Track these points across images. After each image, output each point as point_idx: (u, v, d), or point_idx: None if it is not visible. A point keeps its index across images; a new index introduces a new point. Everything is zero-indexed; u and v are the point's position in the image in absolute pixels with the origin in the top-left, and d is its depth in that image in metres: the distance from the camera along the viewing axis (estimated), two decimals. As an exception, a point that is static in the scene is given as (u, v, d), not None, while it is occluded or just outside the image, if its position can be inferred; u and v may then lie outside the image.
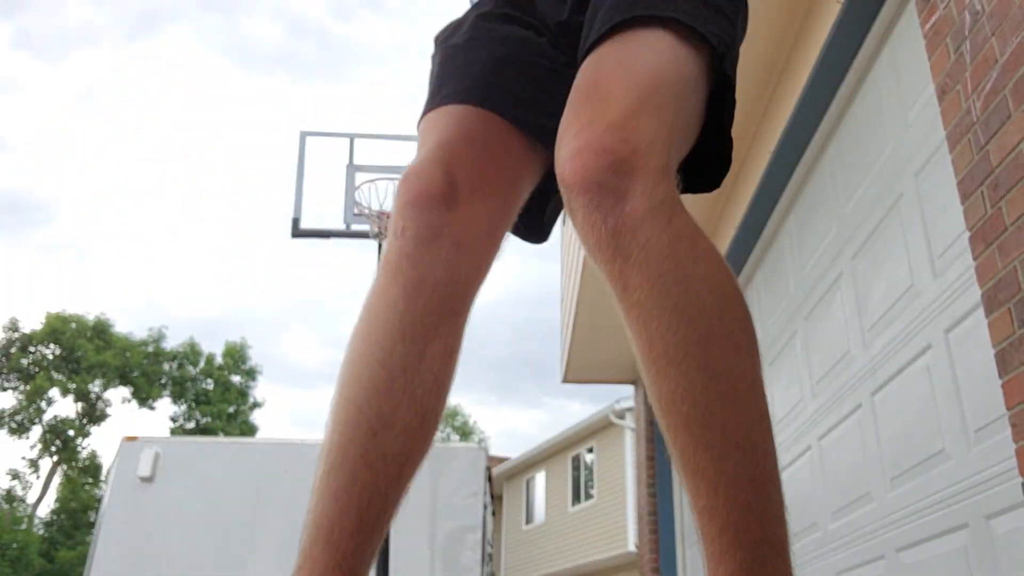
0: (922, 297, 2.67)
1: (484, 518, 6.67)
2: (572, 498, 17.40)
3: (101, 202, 39.96)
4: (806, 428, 3.71)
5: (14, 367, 24.04)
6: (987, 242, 2.03)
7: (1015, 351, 1.89)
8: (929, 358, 2.62)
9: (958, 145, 2.19)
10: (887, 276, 2.93)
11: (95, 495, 23.49)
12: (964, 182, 2.15)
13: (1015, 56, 1.94)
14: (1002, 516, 2.20)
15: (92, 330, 24.58)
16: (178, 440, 9.14)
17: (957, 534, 2.44)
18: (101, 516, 6.60)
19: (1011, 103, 1.95)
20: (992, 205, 2.01)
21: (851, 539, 3.20)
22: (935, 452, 2.57)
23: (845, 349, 3.29)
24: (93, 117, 41.16)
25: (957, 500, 2.43)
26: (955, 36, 2.23)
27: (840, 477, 3.33)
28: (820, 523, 3.53)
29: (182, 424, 25.58)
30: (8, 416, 23.63)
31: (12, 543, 20.88)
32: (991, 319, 2.00)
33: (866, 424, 3.09)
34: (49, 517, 23.94)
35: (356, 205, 5.98)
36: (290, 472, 6.35)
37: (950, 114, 2.24)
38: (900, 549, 2.80)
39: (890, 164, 2.91)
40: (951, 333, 2.49)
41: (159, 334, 25.94)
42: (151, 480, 6.55)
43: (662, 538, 6.28)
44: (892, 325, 2.88)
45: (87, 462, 24.71)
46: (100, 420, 25.30)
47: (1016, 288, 1.90)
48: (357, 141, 6.43)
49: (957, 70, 2.21)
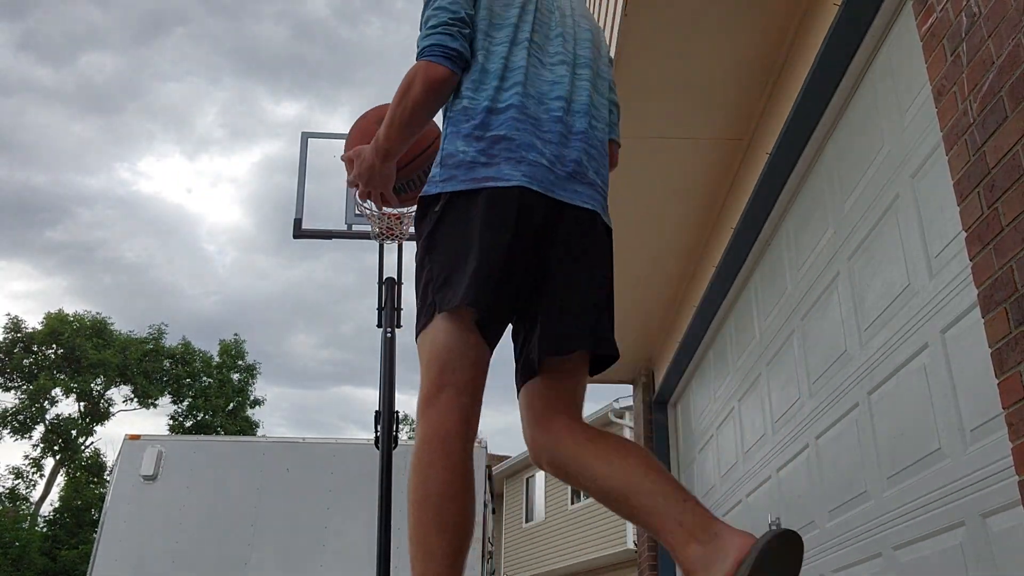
0: (919, 297, 2.69)
1: (484, 516, 6.69)
2: (572, 496, 17.42)
3: (104, 203, 39.94)
4: (803, 427, 3.73)
5: (16, 367, 24.07)
6: (983, 243, 2.04)
7: (1011, 351, 1.91)
8: (926, 357, 2.64)
9: (955, 146, 2.21)
10: (884, 276, 2.95)
11: (98, 494, 23.52)
12: (960, 183, 2.17)
13: (1011, 58, 1.96)
14: (998, 514, 2.22)
15: (90, 329, 24.61)
16: (181, 439, 9.16)
17: (954, 532, 2.45)
18: (104, 514, 6.62)
19: (1007, 105, 1.97)
20: (988, 206, 2.03)
21: (848, 537, 3.22)
22: (932, 451, 2.59)
23: (842, 348, 3.31)
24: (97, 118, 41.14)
25: (954, 498, 2.45)
26: (952, 38, 2.25)
27: (837, 475, 3.35)
28: (817, 521, 3.55)
29: (181, 422, 25.61)
30: (11, 415, 23.66)
31: (15, 542, 20.91)
32: (987, 319, 2.02)
33: (863, 423, 3.11)
34: (52, 516, 23.96)
35: (357, 206, 5.99)
36: (292, 470, 6.38)
37: (947, 115, 2.26)
38: (897, 547, 2.82)
39: (887, 165, 2.93)
40: (947, 333, 2.50)
41: (158, 331, 25.96)
42: (154, 478, 6.57)
43: (662, 536, 6.30)
44: (889, 325, 2.90)
45: (90, 461, 24.73)
46: (103, 419, 25.33)
47: (1012, 288, 1.91)
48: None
49: (954, 72, 2.23)
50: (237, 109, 45.71)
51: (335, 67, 52.98)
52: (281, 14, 46.33)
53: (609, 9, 3.96)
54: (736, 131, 4.14)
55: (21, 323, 24.58)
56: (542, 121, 1.66)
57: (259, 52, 44.98)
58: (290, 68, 48.03)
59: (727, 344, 5.08)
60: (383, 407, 5.43)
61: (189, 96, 42.91)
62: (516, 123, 1.62)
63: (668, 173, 4.46)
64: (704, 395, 5.66)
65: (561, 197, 1.61)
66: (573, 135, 1.69)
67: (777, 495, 4.10)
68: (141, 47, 39.18)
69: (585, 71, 1.81)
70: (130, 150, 41.68)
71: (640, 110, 3.97)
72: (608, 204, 1.79)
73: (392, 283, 5.78)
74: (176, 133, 42.91)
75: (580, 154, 1.68)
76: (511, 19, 1.75)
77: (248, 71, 45.99)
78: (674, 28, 3.49)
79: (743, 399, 4.71)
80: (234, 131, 47.25)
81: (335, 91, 54.33)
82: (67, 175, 37.98)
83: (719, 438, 5.20)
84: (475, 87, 1.67)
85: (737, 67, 3.73)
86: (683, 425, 6.35)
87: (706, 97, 3.91)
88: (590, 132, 1.73)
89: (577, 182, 1.66)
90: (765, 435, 4.30)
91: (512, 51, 1.72)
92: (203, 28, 42.16)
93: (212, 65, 43.13)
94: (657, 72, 3.75)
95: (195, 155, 45.03)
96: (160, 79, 40.54)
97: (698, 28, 3.49)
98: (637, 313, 6.10)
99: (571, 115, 1.71)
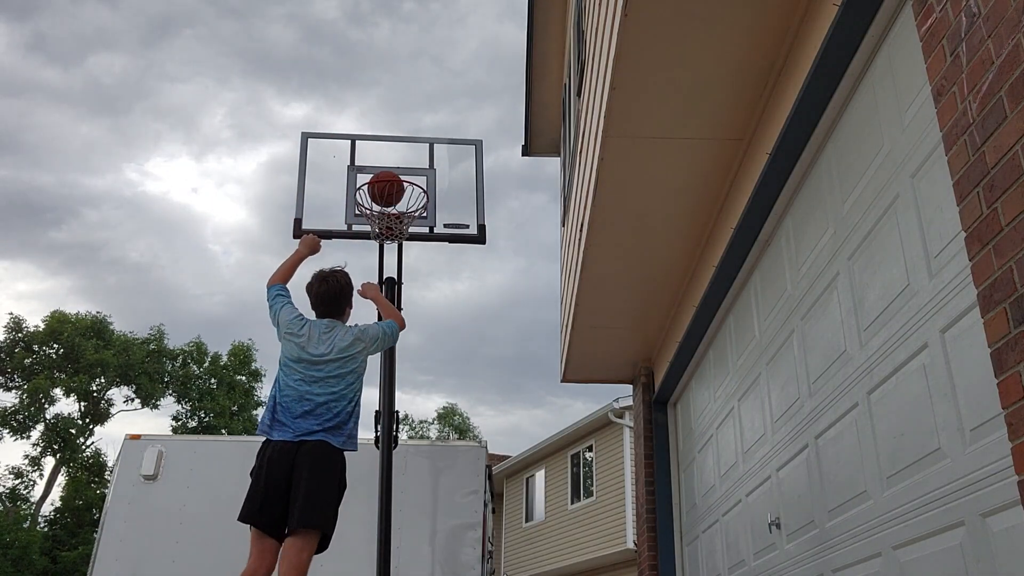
0: (918, 297, 2.69)
1: (484, 516, 6.69)
2: (572, 496, 17.42)
3: (110, 203, 39.93)
4: (803, 427, 3.73)
5: (17, 366, 24.06)
6: (983, 242, 2.04)
7: (1010, 350, 1.91)
8: (925, 357, 2.64)
9: (954, 146, 2.21)
10: (884, 276, 2.95)
11: (99, 494, 23.50)
12: (960, 183, 2.17)
13: (1011, 58, 1.96)
14: (998, 514, 2.23)
15: (90, 329, 24.59)
16: (182, 439, 9.15)
17: (953, 532, 2.46)
18: (105, 514, 6.62)
19: (1007, 105, 1.97)
20: (988, 206, 2.03)
21: (848, 537, 3.22)
22: (931, 451, 2.59)
23: (842, 348, 3.31)
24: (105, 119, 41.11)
25: (953, 498, 2.45)
26: (951, 38, 2.25)
27: (837, 475, 3.35)
28: (817, 521, 3.55)
29: (184, 423, 25.59)
30: (10, 415, 23.64)
31: (15, 542, 20.89)
32: (987, 319, 2.02)
33: (863, 423, 3.11)
34: (52, 516, 23.95)
35: (357, 206, 5.99)
36: (291, 471, 6.37)
37: (946, 115, 2.26)
38: (897, 547, 2.82)
39: (887, 165, 2.93)
40: (947, 333, 2.51)
41: (159, 332, 25.94)
42: (155, 478, 6.57)
43: (661, 536, 6.31)
44: (888, 325, 2.90)
45: (91, 461, 24.72)
46: (103, 419, 25.31)
47: (1012, 288, 1.92)
48: (359, 142, 6.45)
49: (953, 72, 2.23)
50: (245, 110, 45.75)
51: (343, 69, 53.03)
52: (290, 16, 46.38)
53: (609, 9, 3.96)
54: (736, 131, 4.14)
55: (22, 323, 24.57)
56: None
57: (268, 54, 45.01)
58: (298, 69, 48.07)
59: (727, 344, 5.09)
60: (383, 407, 5.43)
61: (197, 97, 42.94)
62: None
63: (668, 173, 4.46)
64: (704, 395, 5.66)
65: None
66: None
67: (777, 495, 4.10)
68: (150, 48, 39.22)
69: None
70: (138, 151, 41.71)
71: (640, 110, 3.98)
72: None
73: (392, 283, 5.78)
74: (184, 134, 42.92)
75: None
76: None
77: (256, 72, 46.03)
78: (674, 28, 3.49)
79: (743, 399, 4.71)
80: (241, 132, 47.27)
81: (342, 92, 54.34)
82: (73, 176, 38.03)
83: (719, 438, 5.21)
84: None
85: (737, 67, 3.73)
86: (683, 425, 6.36)
87: (706, 97, 3.91)
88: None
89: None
90: (765, 435, 4.30)
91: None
92: (212, 30, 42.18)
93: (220, 66, 43.16)
94: (657, 72, 3.75)
95: (202, 156, 45.06)
96: (168, 80, 40.57)
97: (698, 28, 3.49)
98: (637, 313, 6.10)
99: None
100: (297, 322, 3.82)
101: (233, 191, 51.44)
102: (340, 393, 3.67)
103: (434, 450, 7.09)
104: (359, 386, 3.78)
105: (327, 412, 3.60)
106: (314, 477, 3.43)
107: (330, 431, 3.57)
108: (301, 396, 3.63)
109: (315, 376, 3.67)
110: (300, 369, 3.69)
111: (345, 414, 3.65)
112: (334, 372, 3.69)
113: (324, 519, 3.42)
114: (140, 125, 41.77)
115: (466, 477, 6.71)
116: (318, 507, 3.40)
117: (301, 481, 3.42)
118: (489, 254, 66.11)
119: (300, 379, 3.68)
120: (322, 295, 3.89)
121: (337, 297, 3.89)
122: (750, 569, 4.50)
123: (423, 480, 6.63)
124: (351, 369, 3.73)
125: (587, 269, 5.47)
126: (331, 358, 3.71)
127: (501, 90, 62.28)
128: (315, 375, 3.67)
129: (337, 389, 3.67)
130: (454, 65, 57.55)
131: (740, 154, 4.30)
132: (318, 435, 3.54)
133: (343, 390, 3.68)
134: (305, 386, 3.65)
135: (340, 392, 3.67)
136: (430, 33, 54.35)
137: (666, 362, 6.21)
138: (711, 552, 5.34)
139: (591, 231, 5.03)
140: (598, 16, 4.50)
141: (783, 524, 3.99)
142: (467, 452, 6.93)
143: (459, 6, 56.84)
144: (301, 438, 3.53)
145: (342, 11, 50.65)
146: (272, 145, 49.70)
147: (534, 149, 9.67)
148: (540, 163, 12.58)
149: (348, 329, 3.84)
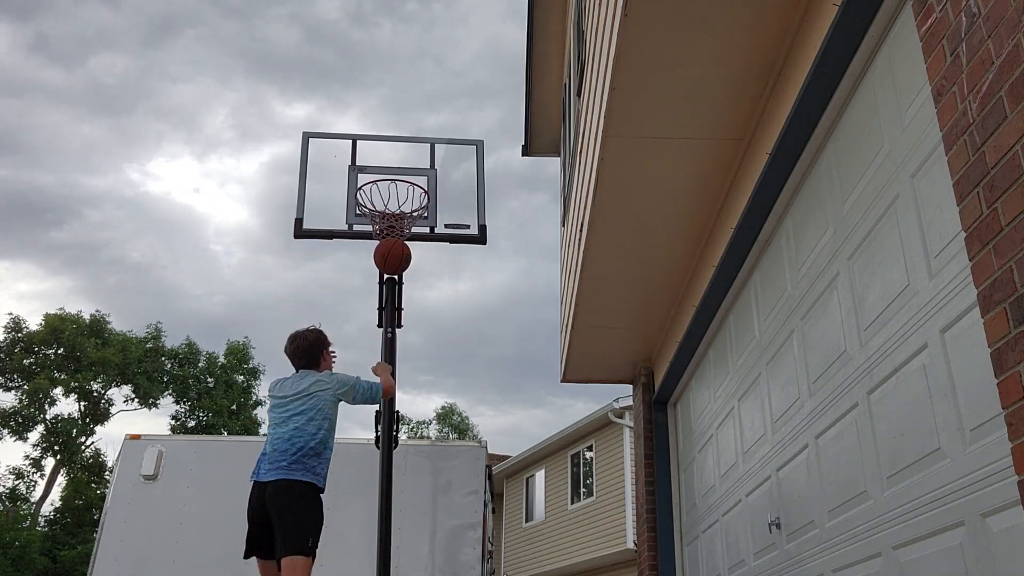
0: (918, 297, 2.69)
1: (484, 516, 6.69)
2: (572, 496, 17.42)
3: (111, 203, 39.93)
4: (803, 427, 3.73)
5: (17, 367, 24.05)
6: (983, 242, 2.05)
7: (1010, 350, 1.91)
8: (925, 357, 2.64)
9: (954, 146, 2.21)
10: (884, 276, 2.95)
11: (99, 493, 23.50)
12: (960, 183, 2.17)
13: (1011, 58, 1.96)
14: (998, 514, 2.23)
15: (89, 328, 24.57)
16: (181, 438, 9.15)
17: (953, 532, 2.46)
18: (104, 514, 6.62)
19: (1007, 105, 1.97)
20: (988, 206, 2.03)
21: (848, 537, 3.22)
22: (931, 450, 2.59)
23: (842, 348, 3.32)
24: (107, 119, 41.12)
25: (953, 498, 2.45)
26: (951, 38, 2.25)
27: (837, 475, 3.36)
28: (817, 521, 3.55)
29: (183, 422, 25.58)
30: (10, 415, 23.63)
31: (15, 542, 20.89)
32: (987, 319, 2.02)
33: (863, 423, 3.11)
34: (52, 516, 23.95)
35: (358, 206, 5.99)
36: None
37: (946, 115, 2.26)
38: (897, 547, 2.82)
39: (887, 165, 2.93)
40: (947, 333, 2.51)
41: (156, 331, 25.92)
42: (154, 478, 6.57)
43: (661, 536, 6.31)
44: (888, 325, 2.90)
45: (90, 460, 24.71)
46: (103, 419, 25.30)
47: (1012, 288, 1.92)
48: (360, 142, 6.45)
49: (953, 72, 2.23)
50: (247, 110, 45.77)
51: (345, 69, 53.05)
52: (292, 16, 46.40)
53: (609, 9, 3.96)
54: (736, 131, 4.14)
55: (22, 323, 24.56)
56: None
57: (269, 54, 45.02)
58: (300, 70, 48.08)
59: (727, 344, 5.09)
60: (384, 407, 5.44)
61: (199, 97, 42.95)
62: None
63: (668, 173, 4.46)
64: (704, 395, 5.66)
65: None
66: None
67: (777, 495, 4.10)
68: (151, 49, 39.23)
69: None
70: (140, 151, 41.73)
71: (640, 110, 3.98)
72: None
73: (393, 283, 5.79)
74: (186, 134, 42.94)
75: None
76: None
77: (258, 73, 46.04)
78: (674, 28, 3.50)
79: (743, 399, 4.72)
80: (243, 132, 47.28)
81: (344, 92, 54.37)
82: (74, 176, 38.04)
83: (719, 438, 5.21)
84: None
85: (737, 67, 3.73)
86: (683, 425, 6.36)
87: (706, 97, 3.91)
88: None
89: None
90: (765, 435, 4.30)
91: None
92: (213, 30, 42.20)
93: (222, 66, 43.17)
94: (657, 72, 3.75)
95: (204, 156, 45.08)
96: (170, 80, 40.58)
97: (698, 28, 3.50)
98: (637, 313, 6.10)
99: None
100: (276, 382, 4.31)
101: (235, 191, 51.51)
102: (301, 428, 3.99)
103: (434, 450, 7.09)
104: (324, 425, 4.07)
105: (290, 447, 3.94)
106: (281, 516, 3.85)
107: (291, 467, 3.91)
108: (272, 439, 4.03)
109: (281, 417, 4.06)
110: (273, 416, 4.12)
111: (308, 449, 3.95)
112: (297, 410, 4.04)
113: (303, 545, 3.83)
114: (142, 125, 41.82)
115: (466, 477, 6.71)
116: (295, 537, 3.82)
117: (275, 519, 3.87)
118: (490, 254, 66.12)
119: (273, 425, 4.10)
120: (293, 352, 4.30)
121: (307, 351, 4.28)
122: (750, 569, 4.51)
123: (423, 480, 6.63)
124: (312, 406, 4.06)
125: (587, 269, 5.47)
126: (292, 395, 4.10)
127: (502, 90, 62.28)
128: (281, 416, 4.06)
129: (299, 424, 3.99)
130: (455, 65, 57.56)
131: (740, 154, 4.30)
132: (279, 473, 3.90)
133: (303, 425, 4.00)
134: (274, 429, 4.06)
135: (300, 427, 3.99)
136: (431, 33, 54.39)
137: (666, 362, 6.21)
138: (711, 552, 5.34)
139: (591, 231, 5.03)
140: (598, 16, 4.50)
141: (783, 524, 3.99)
142: (467, 452, 6.92)
143: (460, 6, 56.85)
144: (265, 479, 3.93)
145: (344, 11, 50.72)
146: (274, 145, 49.75)
147: (534, 149, 9.66)
148: (540, 163, 12.60)
149: (320, 375, 4.22)
